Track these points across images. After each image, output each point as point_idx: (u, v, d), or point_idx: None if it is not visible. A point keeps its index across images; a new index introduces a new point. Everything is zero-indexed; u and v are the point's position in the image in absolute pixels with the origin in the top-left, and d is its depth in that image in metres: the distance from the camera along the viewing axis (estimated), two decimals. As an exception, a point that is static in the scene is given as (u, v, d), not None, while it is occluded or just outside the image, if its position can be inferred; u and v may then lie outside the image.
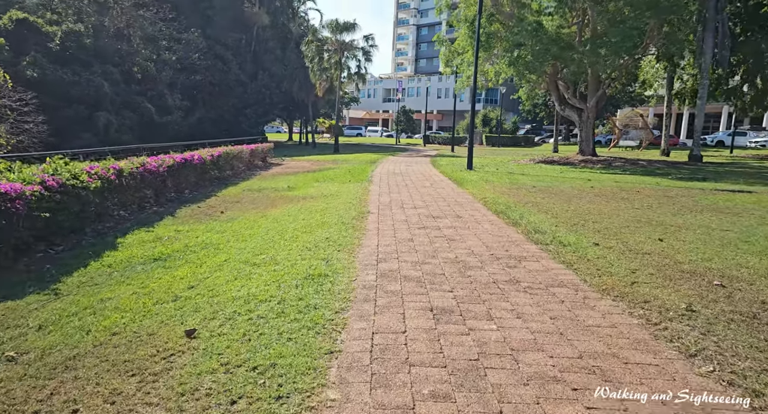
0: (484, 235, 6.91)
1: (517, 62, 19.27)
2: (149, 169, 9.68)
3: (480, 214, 8.63)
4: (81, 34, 28.43)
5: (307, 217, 8.30)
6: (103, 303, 4.45)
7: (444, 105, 77.08)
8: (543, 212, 8.76)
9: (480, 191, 11.59)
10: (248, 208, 9.86)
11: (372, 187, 12.41)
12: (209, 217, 8.98)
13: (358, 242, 6.40)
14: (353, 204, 9.57)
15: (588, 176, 15.92)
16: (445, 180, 14.66)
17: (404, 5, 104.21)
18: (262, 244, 6.48)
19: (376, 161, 22.63)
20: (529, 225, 7.50)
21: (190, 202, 10.71)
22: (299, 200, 10.59)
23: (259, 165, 21.12)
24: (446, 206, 9.51)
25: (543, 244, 6.37)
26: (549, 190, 12.14)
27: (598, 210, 9.10)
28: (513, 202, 9.84)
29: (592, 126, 21.74)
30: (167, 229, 7.86)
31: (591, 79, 21.04)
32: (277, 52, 43.07)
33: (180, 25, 36.21)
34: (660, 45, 18.99)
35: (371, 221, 7.85)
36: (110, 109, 28.90)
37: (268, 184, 14.08)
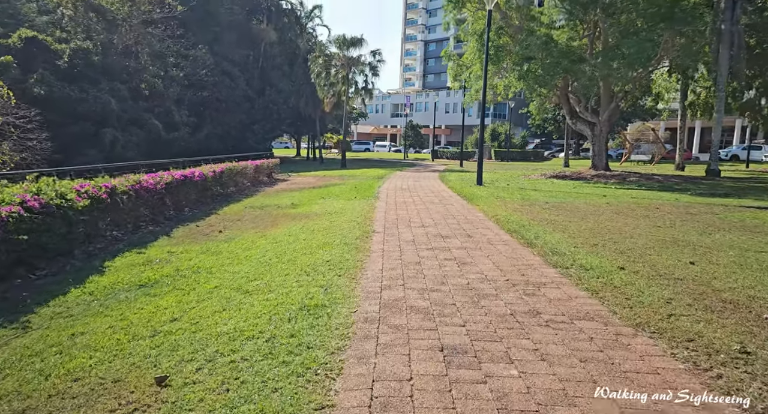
0: (498, 258, 6.39)
1: (527, 76, 18.87)
2: (145, 187, 9.29)
3: (492, 234, 8.11)
4: (89, 52, 28.53)
5: (309, 237, 7.83)
6: (73, 339, 3.98)
7: (452, 120, 76.90)
8: (559, 231, 8.22)
9: (491, 208, 11.08)
10: (248, 227, 9.41)
11: (378, 204, 11.94)
12: (206, 237, 8.54)
13: (361, 265, 5.91)
14: (358, 222, 9.09)
15: (602, 192, 15.34)
16: (454, 196, 14.16)
17: (412, 21, 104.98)
18: (258, 268, 6.00)
19: (383, 177, 22.21)
20: (545, 246, 6.98)
21: (189, 221, 10.29)
22: (302, 218, 10.13)
23: (264, 181, 20.78)
24: (456, 225, 9.01)
25: (562, 267, 5.84)
26: (563, 206, 11.60)
27: (618, 228, 8.54)
28: (527, 220, 9.32)
29: (605, 140, 21.22)
30: (160, 250, 7.42)
31: (603, 93, 20.56)
32: (285, 68, 43.15)
33: (188, 41, 36.38)
34: (674, 57, 18.51)
35: (376, 241, 7.36)
36: (117, 125, 28.85)
37: (271, 200, 13.67)
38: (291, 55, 44.56)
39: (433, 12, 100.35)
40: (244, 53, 41.27)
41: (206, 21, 39.24)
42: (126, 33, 32.89)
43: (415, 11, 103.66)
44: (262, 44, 42.50)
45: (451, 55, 23.31)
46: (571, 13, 18.17)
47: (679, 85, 25.33)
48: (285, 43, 44.83)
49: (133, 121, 30.42)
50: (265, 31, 42.60)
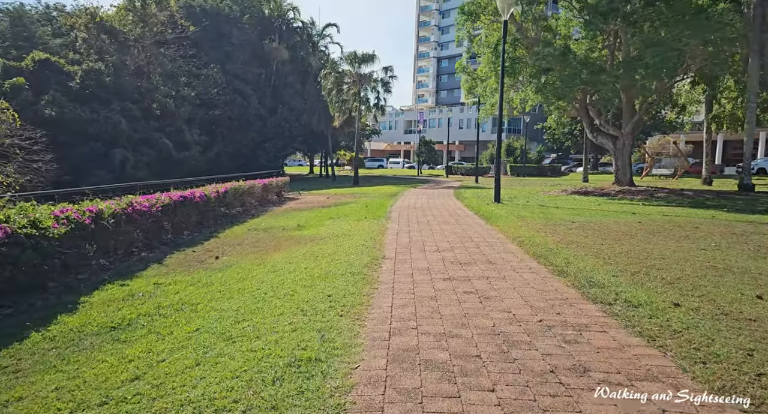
0: (526, 290, 5.52)
1: (545, 88, 18.07)
2: (138, 210, 8.62)
3: (516, 259, 7.24)
4: (101, 73, 28.52)
5: (311, 265, 7.04)
6: (3, 409, 3.21)
7: (466, 135, 76.31)
8: (592, 256, 7.32)
9: (512, 229, 10.20)
10: (248, 252, 8.66)
11: (390, 225, 11.13)
12: (201, 265, 7.80)
13: (368, 301, 5.09)
14: (367, 247, 8.28)
15: (630, 209, 14.35)
16: (471, 215, 13.30)
17: (424, 39, 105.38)
18: (249, 305, 5.21)
19: (396, 194, 21.44)
20: (579, 274, 6.09)
21: (186, 246, 9.59)
22: (307, 242, 9.36)
23: (273, 200, 20.15)
24: (475, 248, 8.15)
25: (604, 303, 4.95)
26: (591, 226, 10.67)
27: (658, 252, 7.61)
28: (553, 243, 8.42)
29: (629, 154, 20.25)
30: (147, 281, 6.69)
31: (625, 105, 19.63)
32: (297, 85, 43.00)
33: (199, 61, 36.42)
34: (701, 66, 17.54)
35: (386, 270, 6.54)
36: (127, 145, 28.66)
37: (277, 222, 12.95)
38: (303, 73, 44.47)
39: (445, 29, 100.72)
40: (257, 72, 41.24)
41: (218, 41, 39.35)
42: (138, 54, 33.00)
43: (428, 29, 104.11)
44: (274, 62, 42.48)
45: (465, 68, 22.64)
46: (590, 23, 17.40)
47: (704, 96, 24.28)
48: (297, 62, 44.80)
49: (144, 141, 30.24)
50: (277, 49, 42.62)
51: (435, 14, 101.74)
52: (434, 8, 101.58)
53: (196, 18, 37.59)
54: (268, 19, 44.80)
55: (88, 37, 31.64)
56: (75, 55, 31.04)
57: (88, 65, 28.22)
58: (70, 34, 32.44)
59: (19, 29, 31.93)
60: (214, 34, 38.93)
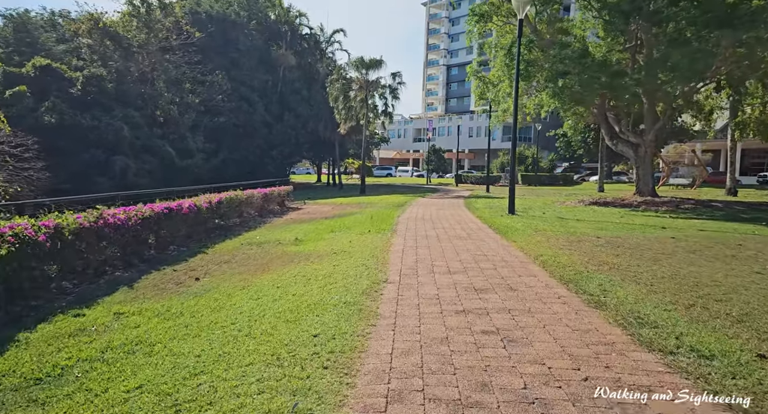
0: (560, 329, 4.45)
1: (562, 92, 17.00)
2: (111, 224, 7.66)
3: (541, 284, 6.17)
4: (103, 79, 27.93)
5: (301, 291, 6.02)
6: None
7: (475, 144, 75.22)
8: (631, 281, 6.23)
9: (532, 245, 9.12)
10: (234, 272, 7.67)
11: (395, 240, 10.10)
12: (177, 288, 6.82)
13: (362, 345, 4.06)
14: (367, 267, 7.26)
15: (658, 222, 13.20)
16: (484, 228, 12.23)
17: (434, 46, 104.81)
18: (215, 348, 4.20)
19: (403, 204, 20.40)
20: (621, 307, 5.02)
21: (169, 263, 8.61)
22: (302, 259, 8.35)
23: (274, 210, 19.21)
24: (492, 270, 7.08)
25: (665, 352, 3.87)
26: (619, 242, 9.56)
27: (708, 277, 6.50)
28: (581, 264, 7.34)
29: (651, 163, 19.07)
30: (106, 310, 5.71)
31: (648, 110, 18.47)
32: (304, 92, 42.26)
33: (205, 67, 35.83)
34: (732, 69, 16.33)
35: (387, 299, 5.51)
36: (129, 153, 27.97)
37: (274, 235, 11.96)
38: (310, 79, 43.78)
39: (455, 37, 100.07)
40: (263, 78, 40.58)
41: (224, 47, 38.81)
42: (142, 60, 32.48)
43: (437, 36, 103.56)
44: (281, 69, 41.85)
45: (477, 72, 21.65)
46: (610, 23, 16.35)
47: (729, 102, 23.03)
48: (304, 68, 44.15)
49: (146, 149, 29.55)
50: (284, 56, 41.99)
51: (445, 22, 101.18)
52: (444, 16, 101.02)
53: (202, 24, 37.07)
54: (275, 25, 44.25)
55: (92, 44, 31.18)
56: (78, 61, 30.56)
57: (90, 71, 27.63)
58: (74, 40, 31.99)
59: (23, 35, 31.51)
60: (220, 40, 38.37)
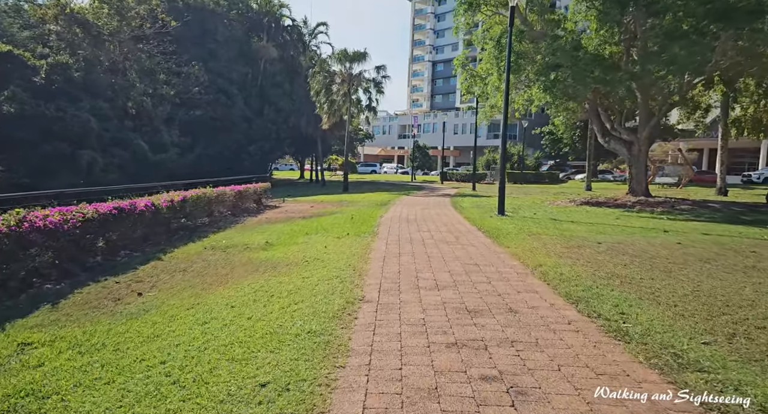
0: (579, 373, 3.47)
1: (554, 87, 16.11)
2: (41, 228, 6.50)
3: (545, 304, 5.21)
4: (69, 67, 26.30)
5: (258, 313, 4.97)
6: None
7: (461, 141, 74.50)
8: (650, 300, 5.31)
9: (528, 252, 8.18)
10: (188, 285, 6.57)
11: (376, 245, 9.08)
12: (114, 305, 5.71)
13: (323, 404, 3.03)
14: (342, 280, 6.23)
15: (658, 224, 12.39)
16: (473, 230, 11.27)
17: (419, 42, 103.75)
18: (123, 408, 3.13)
19: (387, 203, 19.39)
20: (650, 338, 4.09)
21: (113, 272, 7.47)
22: (268, 269, 7.29)
23: (250, 208, 18.05)
24: (485, 284, 6.11)
25: (723, 411, 2.91)
26: (623, 248, 8.66)
27: (736, 293, 5.60)
28: (587, 276, 6.41)
29: (645, 161, 18.30)
30: (9, 340, 4.58)
31: (642, 106, 17.70)
32: (286, 86, 40.86)
33: (180, 58, 34.23)
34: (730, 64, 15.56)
35: (362, 325, 4.49)
36: (96, 146, 26.42)
37: (243, 237, 10.85)
38: (292, 73, 42.37)
39: (440, 33, 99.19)
40: (243, 71, 39.09)
41: (202, 37, 37.23)
42: (114, 49, 30.82)
43: (423, 32, 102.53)
44: (261, 61, 40.39)
45: (465, 64, 20.67)
46: (605, 13, 15.49)
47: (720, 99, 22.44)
48: (286, 61, 42.71)
49: (116, 142, 27.99)
50: (265, 48, 40.53)
51: (430, 17, 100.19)
52: (429, 11, 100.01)
53: (178, 12, 35.42)
54: (257, 16, 42.72)
55: (60, 31, 29.46)
56: (45, 49, 28.80)
57: (55, 59, 25.96)
58: (40, 26, 30.17)
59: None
60: (198, 30, 36.76)
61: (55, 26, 29.55)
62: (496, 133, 71.99)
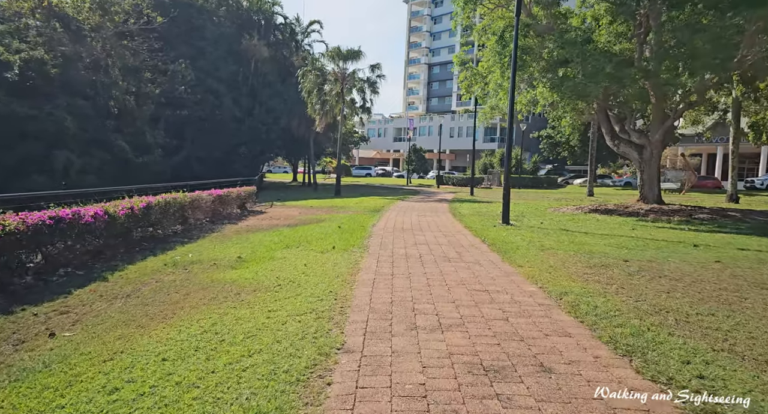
0: None
1: (562, 85, 14.82)
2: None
3: (588, 358, 3.85)
4: (44, 63, 24.83)
5: (194, 375, 3.58)
6: None
7: (457, 144, 73.34)
8: (729, 352, 3.96)
9: (545, 273, 6.84)
10: (121, 320, 5.17)
11: (365, 262, 7.71)
12: (11, 351, 4.30)
13: None
14: (318, 315, 4.86)
15: (683, 237, 11.07)
16: (476, 243, 9.92)
17: (416, 45, 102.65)
18: None
19: (380, 209, 18.03)
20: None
21: (37, 299, 6.04)
22: (230, 296, 5.90)
23: (232, 214, 16.62)
24: (503, 323, 4.74)
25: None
26: (657, 269, 7.33)
27: (834, 341, 4.27)
28: (628, 309, 5.07)
29: (657, 166, 17.05)
30: None
31: (655, 107, 16.41)
32: (278, 86, 39.48)
33: (167, 55, 32.82)
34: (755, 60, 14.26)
35: (337, 399, 3.12)
36: (73, 147, 24.96)
37: (215, 250, 9.43)
38: (285, 72, 41.00)
39: (437, 35, 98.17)
40: (232, 70, 37.66)
41: (190, 34, 35.84)
42: (96, 45, 29.32)
43: (419, 34, 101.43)
44: (252, 60, 38.97)
45: (465, 61, 19.36)
46: (619, 5, 14.24)
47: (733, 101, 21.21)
48: (278, 60, 41.33)
49: (96, 143, 26.52)
50: (256, 46, 39.12)
51: (427, 20, 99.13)
52: (426, 14, 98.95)
53: (165, 8, 33.97)
54: (247, 14, 41.34)
55: (39, 25, 27.99)
56: (21, 44, 27.30)
57: (29, 54, 24.49)
58: (16, 20, 28.67)
59: (-48, 12, 28.09)
60: (186, 26, 35.36)
61: (33, 20, 28.10)
62: (492, 136, 70.81)
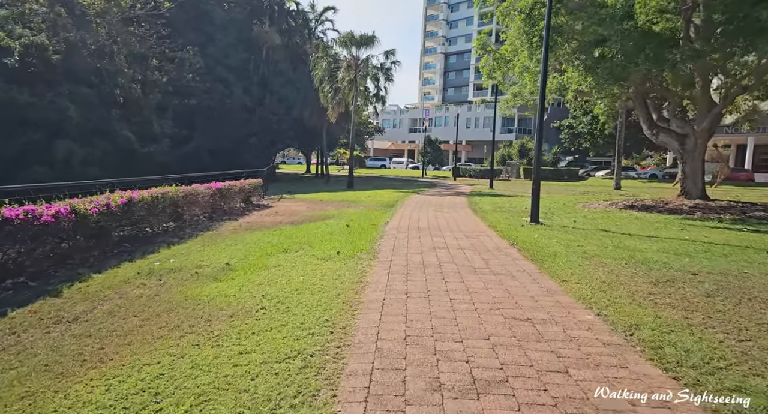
0: None
1: (598, 66, 13.23)
2: None
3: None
4: (45, 49, 23.81)
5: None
6: None
7: (473, 135, 71.47)
8: None
9: (599, 291, 5.43)
10: (43, 361, 3.92)
11: (374, 275, 6.37)
12: None
13: None
14: (306, 363, 3.54)
15: (745, 240, 9.51)
16: (504, 247, 8.51)
17: (432, 34, 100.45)
18: None
19: (394, 204, 16.67)
20: None
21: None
22: (198, 323, 4.61)
23: (235, 209, 15.43)
24: (562, 377, 3.37)
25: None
26: (742, 287, 5.86)
27: None
28: (734, 356, 3.66)
29: (702, 158, 15.37)
30: None
31: (701, 92, 14.72)
32: (289, 74, 38.15)
33: (174, 42, 31.65)
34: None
35: None
36: (76, 136, 23.99)
37: (201, 255, 8.17)
38: (297, 60, 39.63)
39: (453, 24, 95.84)
40: (243, 57, 36.39)
41: (198, 20, 34.59)
42: (101, 31, 28.26)
43: (435, 23, 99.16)
44: (263, 48, 37.65)
45: (486, 45, 17.77)
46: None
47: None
48: (290, 48, 39.96)
49: (99, 132, 25.50)
50: (268, 33, 37.78)
51: (443, 8, 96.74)
52: (443, 1, 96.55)
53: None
54: (258, 0, 40.01)
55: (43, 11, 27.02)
56: (24, 29, 26.35)
57: (29, 39, 23.51)
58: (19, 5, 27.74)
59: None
60: (194, 12, 34.14)
61: (37, 5, 27.13)
62: (510, 127, 68.74)
